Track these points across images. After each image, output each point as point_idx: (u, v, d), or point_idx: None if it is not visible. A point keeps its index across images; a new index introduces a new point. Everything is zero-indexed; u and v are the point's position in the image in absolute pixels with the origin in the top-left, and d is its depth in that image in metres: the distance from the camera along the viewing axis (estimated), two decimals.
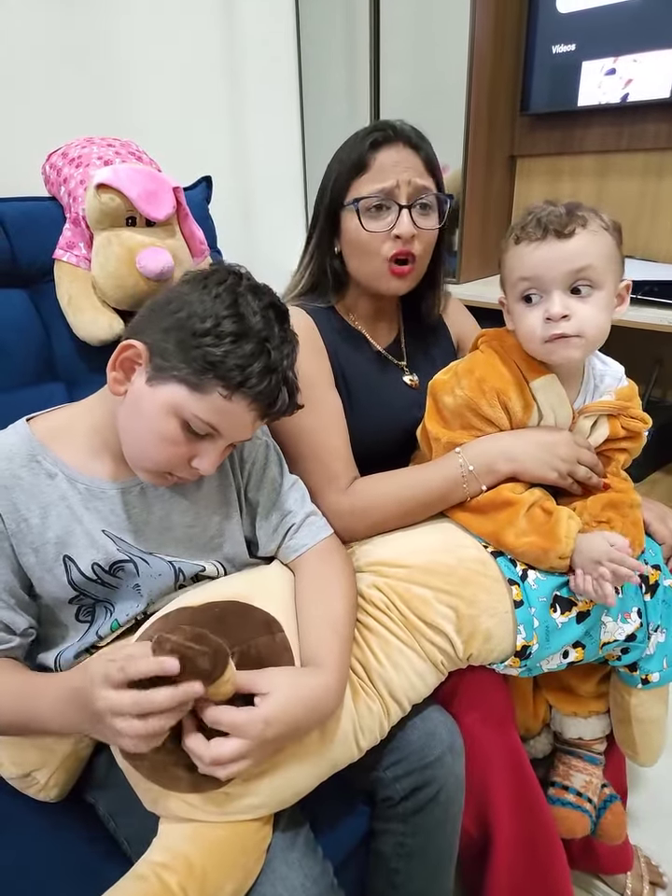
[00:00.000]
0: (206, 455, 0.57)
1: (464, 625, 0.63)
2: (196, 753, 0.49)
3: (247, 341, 0.54)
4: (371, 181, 0.74)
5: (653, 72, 1.27)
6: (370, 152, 0.73)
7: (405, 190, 0.73)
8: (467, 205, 1.47)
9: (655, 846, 0.91)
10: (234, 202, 1.51)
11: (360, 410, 0.79)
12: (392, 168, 0.73)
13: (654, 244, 1.43)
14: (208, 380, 0.53)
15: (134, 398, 0.57)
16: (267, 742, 0.50)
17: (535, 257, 0.61)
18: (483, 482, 0.68)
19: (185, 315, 0.54)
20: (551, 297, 0.62)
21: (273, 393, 0.55)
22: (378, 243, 0.74)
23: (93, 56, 1.20)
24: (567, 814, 0.74)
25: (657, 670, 0.68)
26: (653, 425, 1.30)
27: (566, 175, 1.52)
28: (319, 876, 0.55)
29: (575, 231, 0.60)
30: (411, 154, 0.74)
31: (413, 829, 0.63)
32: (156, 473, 0.58)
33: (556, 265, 0.61)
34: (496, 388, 0.67)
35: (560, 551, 0.62)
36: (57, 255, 0.88)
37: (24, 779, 0.59)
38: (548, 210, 0.62)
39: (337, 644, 0.58)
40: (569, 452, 0.67)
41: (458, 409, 0.70)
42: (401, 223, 0.73)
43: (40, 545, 0.59)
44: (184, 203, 0.91)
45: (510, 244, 0.64)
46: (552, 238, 0.61)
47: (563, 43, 1.36)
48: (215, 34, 1.39)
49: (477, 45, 1.34)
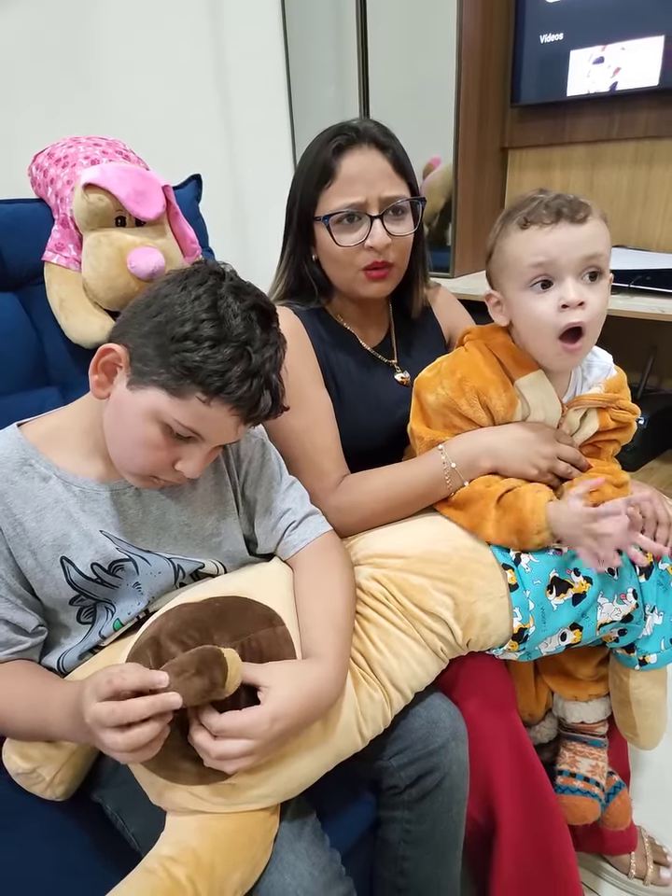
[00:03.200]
0: (190, 458, 0.56)
1: (462, 612, 0.64)
2: (203, 748, 0.49)
3: (226, 345, 0.52)
4: (340, 194, 0.72)
5: (641, 60, 1.26)
6: (334, 158, 0.72)
7: (375, 204, 0.72)
8: (459, 199, 1.47)
9: (659, 825, 0.92)
10: (225, 200, 1.51)
11: (351, 408, 0.80)
12: (360, 177, 0.71)
13: (646, 232, 1.43)
14: (187, 385, 0.52)
15: (116, 402, 0.56)
16: (275, 738, 0.51)
17: (549, 241, 0.60)
18: (465, 478, 0.69)
19: (164, 318, 0.53)
20: (564, 283, 0.60)
21: (254, 398, 0.54)
22: (352, 255, 0.74)
23: (79, 55, 1.19)
24: (576, 801, 0.74)
25: (654, 651, 0.68)
26: (649, 413, 1.32)
27: (557, 165, 1.52)
28: (327, 865, 0.55)
29: (587, 217, 0.60)
30: (378, 156, 0.72)
31: (419, 816, 0.64)
32: (141, 476, 0.58)
33: (572, 249, 0.60)
34: (476, 388, 0.67)
35: (533, 527, 0.63)
36: (46, 257, 0.88)
37: (30, 776, 0.60)
38: (552, 195, 0.61)
39: (336, 636, 0.58)
40: (550, 448, 0.68)
41: (440, 408, 0.70)
42: (374, 234, 0.72)
43: (37, 548, 0.59)
44: (174, 202, 0.91)
45: (512, 229, 0.62)
46: (565, 222, 0.59)
47: (550, 32, 1.36)
48: (202, 31, 1.38)
49: (465, 36, 1.33)
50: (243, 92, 1.49)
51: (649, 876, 0.85)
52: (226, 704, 0.50)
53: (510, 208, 0.64)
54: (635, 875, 0.86)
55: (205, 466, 0.59)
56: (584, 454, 0.73)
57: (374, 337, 0.86)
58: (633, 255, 1.36)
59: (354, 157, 0.72)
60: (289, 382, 0.60)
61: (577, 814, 0.74)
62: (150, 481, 0.59)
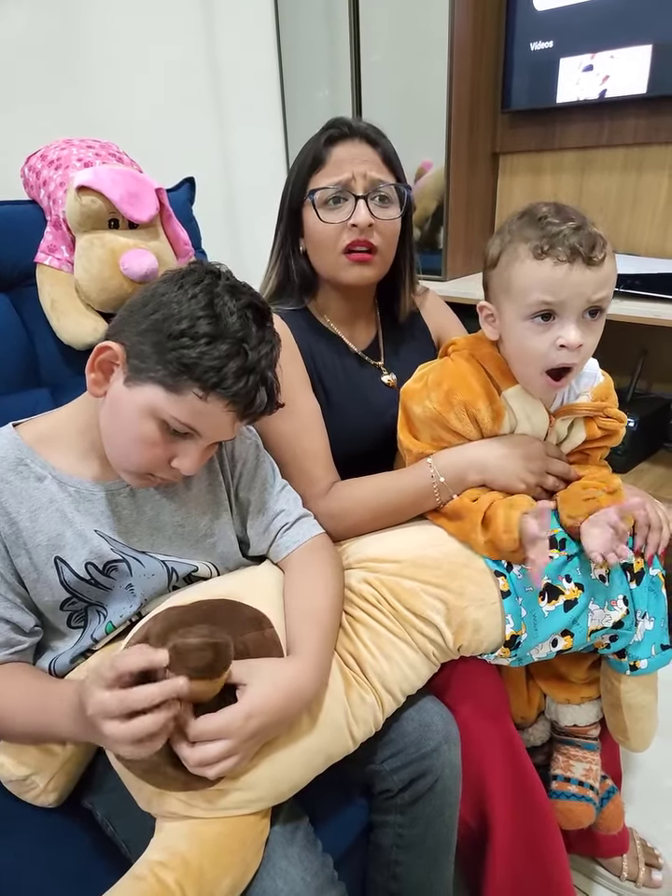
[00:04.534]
0: (187, 455, 0.57)
1: (453, 617, 0.64)
2: (182, 756, 0.49)
3: (223, 341, 0.53)
4: (328, 175, 0.74)
5: (630, 67, 1.28)
6: (325, 148, 0.74)
7: (361, 183, 0.73)
8: (451, 203, 1.48)
9: (651, 827, 0.92)
10: (218, 202, 1.51)
11: (339, 411, 0.80)
12: (349, 161, 0.73)
13: (636, 237, 1.45)
14: (183, 381, 0.53)
15: (113, 399, 0.57)
16: (252, 735, 0.50)
17: (562, 282, 0.58)
18: (453, 491, 0.69)
19: (161, 316, 0.54)
20: (567, 323, 0.59)
21: (250, 393, 0.55)
22: (336, 234, 0.75)
23: (72, 56, 1.19)
24: (572, 806, 0.75)
25: (645, 657, 0.69)
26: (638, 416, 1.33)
27: (547, 171, 1.54)
28: (319, 870, 0.55)
29: (604, 259, 0.58)
30: (368, 149, 0.75)
31: (412, 820, 0.64)
32: (137, 475, 0.58)
33: (582, 293, 0.58)
34: (464, 401, 0.67)
35: (506, 546, 0.63)
36: (38, 258, 0.88)
37: (22, 783, 0.59)
38: (572, 227, 0.57)
39: (316, 632, 0.58)
40: (539, 464, 0.69)
41: (427, 421, 0.70)
42: (358, 213, 0.73)
43: (32, 547, 0.59)
44: (167, 205, 0.91)
45: (524, 253, 0.59)
46: (580, 263, 0.57)
47: (541, 40, 1.38)
48: (195, 34, 1.39)
49: (457, 42, 1.35)
50: (236, 96, 1.49)
51: (641, 878, 0.85)
52: (206, 707, 0.50)
53: (526, 219, 0.60)
54: (627, 877, 0.86)
55: (202, 463, 0.59)
56: (573, 460, 0.73)
57: (362, 339, 0.86)
58: (622, 260, 1.36)
59: (344, 146, 0.74)
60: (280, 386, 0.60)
61: (572, 819, 0.74)
62: (147, 479, 0.59)
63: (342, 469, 0.78)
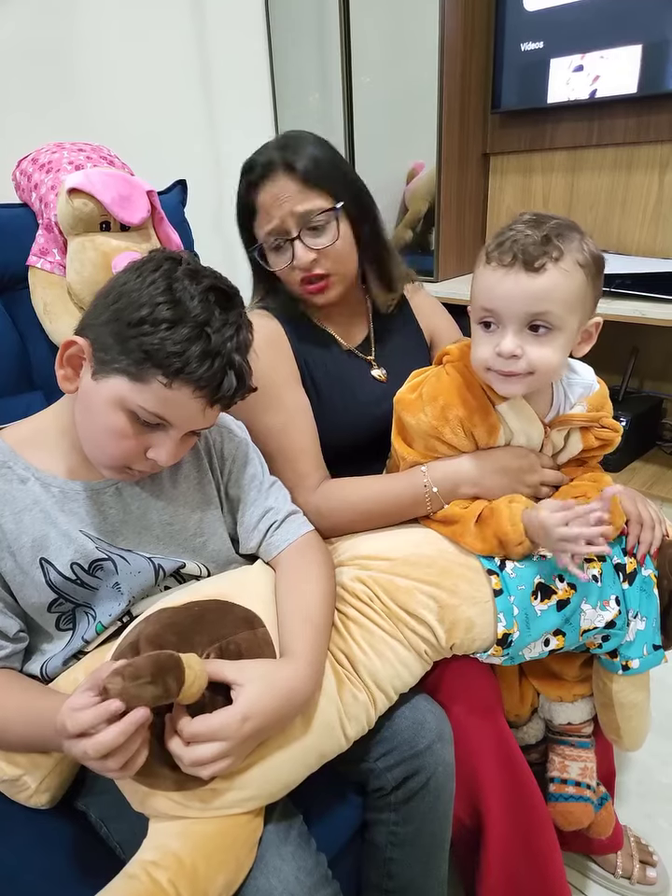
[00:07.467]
0: (161, 445, 0.56)
1: (446, 615, 0.64)
2: (176, 755, 0.49)
3: (183, 325, 0.52)
4: (261, 225, 0.76)
5: (620, 68, 1.29)
6: (250, 195, 0.76)
7: (291, 222, 0.74)
8: (442, 204, 1.49)
9: (645, 824, 0.92)
10: (210, 205, 1.51)
11: (330, 407, 0.80)
12: (273, 206, 0.74)
13: (626, 237, 1.46)
14: (147, 369, 0.52)
15: (83, 394, 0.57)
16: (248, 737, 0.50)
17: (497, 289, 0.58)
18: (445, 502, 0.70)
19: (121, 305, 0.54)
20: (505, 332, 0.59)
21: (216, 377, 0.54)
22: (289, 274, 0.77)
23: (64, 60, 1.19)
24: (570, 808, 0.75)
25: (637, 657, 0.69)
26: (630, 415, 1.33)
27: (538, 171, 1.55)
28: (313, 868, 0.55)
29: (545, 266, 0.56)
30: (286, 181, 0.73)
31: (405, 817, 0.64)
32: (115, 468, 0.58)
33: (515, 304, 0.58)
34: (459, 417, 0.66)
35: (514, 538, 0.63)
36: (30, 262, 0.88)
37: (14, 784, 0.59)
38: (526, 233, 0.57)
39: (310, 632, 0.58)
40: (535, 478, 0.69)
41: (422, 433, 0.70)
42: (297, 256, 0.75)
43: (17, 549, 0.59)
44: (158, 207, 0.91)
45: (481, 260, 0.60)
46: (518, 269, 0.56)
47: (531, 41, 1.39)
48: (186, 38, 1.39)
49: (447, 44, 1.36)
50: (227, 99, 1.50)
51: (635, 876, 0.86)
52: (200, 706, 0.50)
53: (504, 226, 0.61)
54: (621, 874, 0.86)
55: (181, 454, 0.59)
56: (569, 467, 0.73)
57: (356, 337, 0.87)
58: (613, 259, 1.37)
59: (265, 189, 0.75)
60: (266, 382, 0.61)
61: (571, 820, 0.75)
62: (124, 472, 0.59)
63: (332, 463, 0.79)
